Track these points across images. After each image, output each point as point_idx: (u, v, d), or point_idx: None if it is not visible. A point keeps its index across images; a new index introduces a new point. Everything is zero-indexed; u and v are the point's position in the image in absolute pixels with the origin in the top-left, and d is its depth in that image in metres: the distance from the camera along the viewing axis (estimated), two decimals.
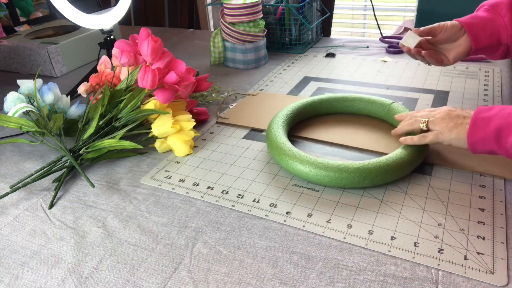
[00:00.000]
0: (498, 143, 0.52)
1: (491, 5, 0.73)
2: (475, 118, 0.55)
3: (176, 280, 0.48)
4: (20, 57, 1.18)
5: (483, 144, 0.54)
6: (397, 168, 0.59)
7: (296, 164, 0.61)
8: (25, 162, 0.75)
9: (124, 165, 0.71)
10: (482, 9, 0.74)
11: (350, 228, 0.53)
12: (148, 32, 0.74)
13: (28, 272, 0.51)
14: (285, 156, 0.63)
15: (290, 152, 0.63)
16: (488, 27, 0.72)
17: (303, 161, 0.61)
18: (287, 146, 0.64)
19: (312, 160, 0.60)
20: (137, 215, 0.59)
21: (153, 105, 0.71)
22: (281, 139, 0.66)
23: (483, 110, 0.55)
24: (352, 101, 0.78)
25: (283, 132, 0.68)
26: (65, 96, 0.79)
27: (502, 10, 0.71)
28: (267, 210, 0.58)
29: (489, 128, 0.53)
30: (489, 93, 0.86)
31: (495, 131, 0.52)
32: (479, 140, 0.54)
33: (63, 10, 0.88)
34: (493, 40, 0.72)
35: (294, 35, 1.18)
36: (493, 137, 0.52)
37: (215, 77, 1.06)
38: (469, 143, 0.55)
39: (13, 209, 0.62)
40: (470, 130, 0.55)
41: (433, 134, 0.59)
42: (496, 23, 0.71)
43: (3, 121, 0.69)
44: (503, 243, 0.49)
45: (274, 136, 0.67)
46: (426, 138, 0.60)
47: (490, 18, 0.72)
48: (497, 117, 0.53)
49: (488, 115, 0.54)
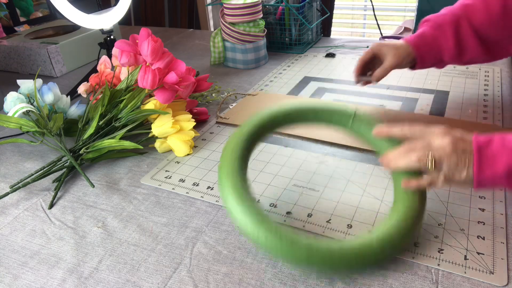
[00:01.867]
0: (509, 182, 0.47)
1: (437, 24, 0.72)
2: (479, 155, 0.48)
3: (176, 280, 0.48)
4: (20, 57, 1.18)
5: (491, 182, 0.48)
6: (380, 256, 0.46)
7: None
8: (25, 162, 0.75)
9: (124, 165, 0.71)
10: (428, 27, 0.74)
11: (350, 228, 0.53)
12: (148, 32, 0.74)
13: (28, 272, 0.51)
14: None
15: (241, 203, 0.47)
16: (434, 48, 0.73)
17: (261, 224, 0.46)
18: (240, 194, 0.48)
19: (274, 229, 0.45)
20: (137, 215, 0.59)
21: (153, 105, 0.71)
22: (237, 183, 0.50)
23: (484, 143, 0.49)
24: (303, 113, 0.61)
25: (238, 174, 0.51)
26: (65, 96, 0.79)
27: (447, 32, 0.71)
28: (267, 210, 0.57)
29: (497, 166, 0.47)
30: (489, 93, 0.86)
31: (507, 170, 0.46)
32: (487, 179, 0.48)
33: (63, 10, 0.88)
34: (437, 60, 0.74)
35: (294, 35, 1.18)
36: (504, 176, 0.47)
37: (215, 77, 1.06)
38: (476, 183, 0.48)
39: (13, 209, 0.62)
40: (477, 169, 0.48)
41: (443, 180, 0.49)
42: (441, 44, 0.72)
43: (3, 121, 0.69)
44: (503, 243, 0.49)
45: (228, 178, 0.50)
46: (437, 184, 0.49)
47: (436, 38, 0.72)
48: (504, 153, 0.47)
49: (492, 150, 0.48)
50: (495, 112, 0.78)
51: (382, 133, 0.55)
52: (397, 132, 0.54)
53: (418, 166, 0.49)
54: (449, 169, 0.49)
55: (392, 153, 0.52)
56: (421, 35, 0.73)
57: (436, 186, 0.49)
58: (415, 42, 0.73)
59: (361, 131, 0.58)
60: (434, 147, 0.50)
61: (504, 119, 0.76)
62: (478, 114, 0.78)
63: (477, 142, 0.49)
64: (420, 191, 0.50)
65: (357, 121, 0.58)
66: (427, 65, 0.75)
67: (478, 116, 0.77)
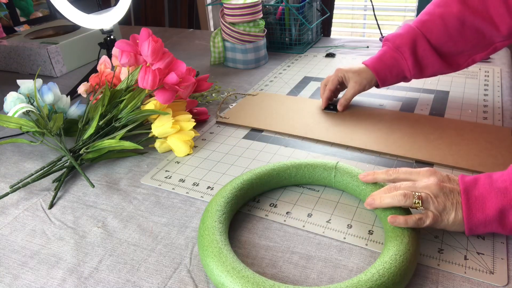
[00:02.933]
0: (502, 225, 0.46)
1: (395, 45, 0.76)
2: (467, 197, 0.47)
3: (176, 280, 0.48)
4: (20, 57, 1.18)
5: (484, 227, 0.47)
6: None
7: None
8: (25, 162, 0.75)
9: (124, 165, 0.71)
10: (388, 48, 0.78)
11: (350, 228, 0.53)
12: (149, 32, 0.74)
13: (28, 272, 0.51)
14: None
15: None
16: (394, 69, 0.77)
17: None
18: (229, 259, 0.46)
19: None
20: (137, 215, 0.59)
21: (153, 106, 0.71)
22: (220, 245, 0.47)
23: (470, 183, 0.48)
24: (285, 172, 0.60)
25: (221, 235, 0.49)
26: (65, 96, 0.79)
27: (405, 53, 0.75)
28: (267, 210, 0.58)
29: (488, 209, 0.46)
30: (489, 93, 0.86)
31: (498, 213, 0.46)
32: (479, 223, 0.47)
33: (63, 10, 0.88)
34: (399, 79, 0.79)
35: (294, 35, 1.18)
36: (495, 220, 0.46)
37: (215, 77, 1.06)
38: (468, 228, 0.47)
39: (13, 209, 0.62)
40: (466, 213, 0.47)
41: (431, 218, 0.47)
42: (401, 65, 0.76)
43: (3, 121, 0.69)
44: (503, 243, 0.49)
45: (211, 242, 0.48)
46: (425, 221, 0.47)
47: (395, 60, 0.76)
48: (492, 194, 0.46)
49: (480, 191, 0.47)
50: (495, 112, 0.78)
51: (368, 177, 0.54)
52: (382, 175, 0.54)
53: (404, 202, 0.48)
54: (436, 210, 0.47)
55: (377, 192, 0.52)
56: (380, 58, 0.78)
57: (423, 224, 0.47)
58: (375, 66, 0.78)
59: (344, 183, 0.58)
60: (419, 187, 0.49)
61: (504, 119, 0.76)
62: (478, 114, 0.78)
63: (463, 182, 0.48)
64: (412, 230, 0.48)
65: (339, 173, 0.58)
66: (390, 84, 0.80)
67: (478, 116, 0.77)
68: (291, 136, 0.75)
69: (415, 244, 0.46)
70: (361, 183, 0.56)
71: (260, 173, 0.59)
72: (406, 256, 0.44)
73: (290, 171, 0.60)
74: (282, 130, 0.77)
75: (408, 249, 0.45)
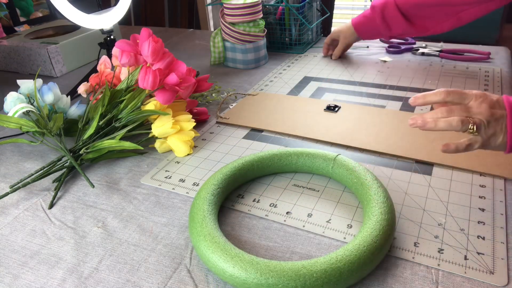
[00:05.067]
0: None
1: (372, 6, 0.98)
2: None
3: (176, 280, 0.48)
4: (20, 57, 1.18)
5: None
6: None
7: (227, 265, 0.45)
8: (25, 162, 0.75)
9: (124, 165, 0.71)
10: (369, 9, 0.99)
11: (350, 228, 0.53)
12: (149, 32, 0.74)
13: (28, 272, 0.51)
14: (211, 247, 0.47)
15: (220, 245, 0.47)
16: (370, 26, 1.00)
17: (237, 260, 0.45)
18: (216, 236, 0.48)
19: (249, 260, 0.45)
20: (137, 215, 0.59)
21: (154, 106, 0.71)
22: (211, 227, 0.50)
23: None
24: (287, 157, 0.62)
25: (212, 218, 0.51)
26: (65, 96, 0.79)
27: (376, 14, 0.96)
28: (267, 210, 0.58)
29: None
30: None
31: None
32: None
33: (63, 10, 0.88)
34: (374, 34, 1.03)
35: (294, 35, 1.18)
36: None
37: (215, 77, 1.06)
38: (509, 147, 0.51)
39: (13, 209, 0.62)
40: (510, 134, 0.50)
41: (480, 143, 0.51)
42: (373, 23, 0.98)
43: (3, 121, 0.69)
44: (503, 243, 0.49)
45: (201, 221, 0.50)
46: (473, 146, 0.51)
47: (370, 19, 0.99)
48: None
49: None
50: None
51: (418, 100, 0.53)
52: (433, 97, 0.52)
53: (460, 128, 0.50)
54: (486, 135, 0.50)
55: (428, 114, 0.51)
56: (362, 15, 1.02)
57: (472, 148, 0.51)
58: (357, 23, 1.03)
59: (341, 176, 0.59)
60: (473, 113, 0.50)
61: None
62: None
63: (509, 105, 0.51)
64: (389, 215, 0.49)
65: (337, 166, 0.59)
66: (368, 38, 1.06)
67: None
68: (291, 136, 0.75)
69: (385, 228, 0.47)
70: (356, 178, 0.56)
71: (262, 157, 0.62)
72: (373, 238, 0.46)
73: (291, 158, 0.62)
74: (282, 130, 0.77)
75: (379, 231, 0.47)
